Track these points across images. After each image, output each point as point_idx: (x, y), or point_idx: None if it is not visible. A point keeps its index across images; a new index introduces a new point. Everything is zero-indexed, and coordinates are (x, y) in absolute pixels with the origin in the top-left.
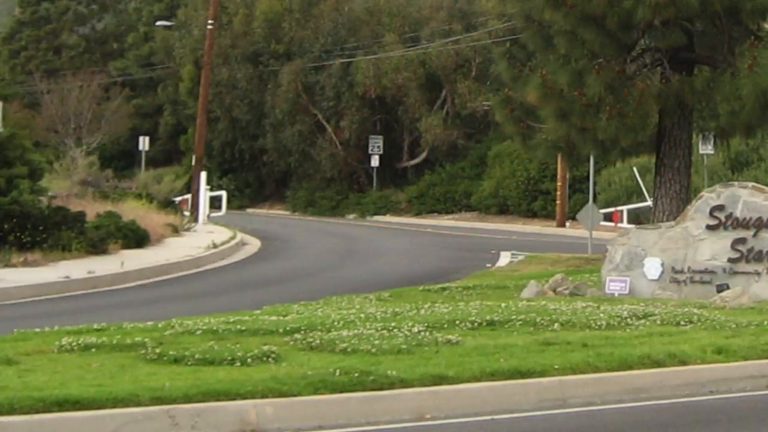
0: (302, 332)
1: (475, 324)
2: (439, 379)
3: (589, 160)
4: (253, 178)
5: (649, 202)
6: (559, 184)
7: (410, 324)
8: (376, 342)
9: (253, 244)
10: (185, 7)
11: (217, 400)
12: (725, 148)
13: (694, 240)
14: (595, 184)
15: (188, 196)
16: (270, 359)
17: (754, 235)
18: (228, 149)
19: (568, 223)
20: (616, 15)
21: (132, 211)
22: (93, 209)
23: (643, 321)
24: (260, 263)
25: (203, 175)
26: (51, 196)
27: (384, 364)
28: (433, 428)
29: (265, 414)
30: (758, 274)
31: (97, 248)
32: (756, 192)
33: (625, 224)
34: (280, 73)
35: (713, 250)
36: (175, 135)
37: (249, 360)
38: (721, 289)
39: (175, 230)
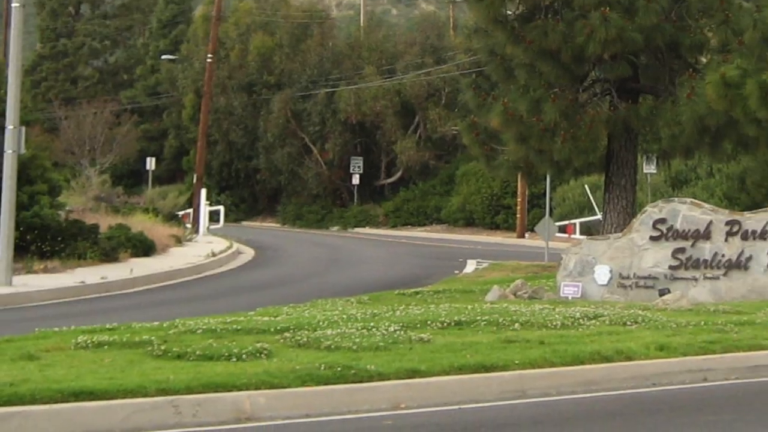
0: (291, 331)
1: (445, 324)
2: (413, 373)
3: (545, 179)
4: (248, 194)
5: (599, 216)
6: (519, 199)
7: (387, 324)
8: (357, 340)
9: (248, 253)
10: (187, 43)
11: (216, 391)
12: (667, 167)
13: (639, 249)
14: (551, 199)
15: (190, 210)
16: (263, 355)
17: (692, 245)
18: (225, 169)
19: (527, 235)
20: (570, 50)
21: (140, 223)
22: (105, 222)
23: (593, 321)
24: (254, 270)
25: (203, 191)
26: (68, 210)
27: (364, 360)
28: (407, 416)
29: (258, 404)
30: (696, 279)
31: (109, 256)
32: (694, 207)
33: (577, 235)
34: (271, 101)
35: (656, 258)
36: (179, 156)
37: (244, 356)
38: (662, 293)
39: (179, 241)
